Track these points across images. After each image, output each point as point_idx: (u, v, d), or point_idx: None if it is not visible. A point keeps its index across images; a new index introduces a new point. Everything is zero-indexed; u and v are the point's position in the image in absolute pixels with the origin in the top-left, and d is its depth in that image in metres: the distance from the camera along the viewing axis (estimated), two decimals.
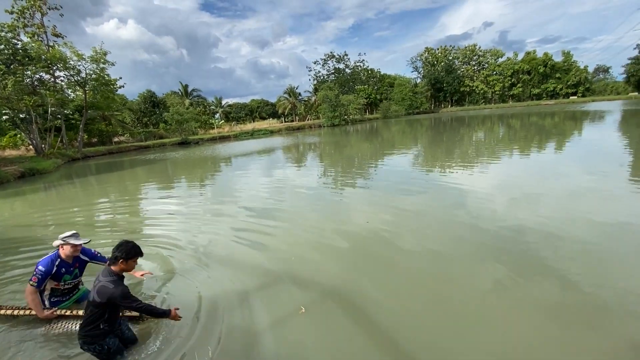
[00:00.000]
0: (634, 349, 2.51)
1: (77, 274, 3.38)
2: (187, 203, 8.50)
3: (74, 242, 3.16)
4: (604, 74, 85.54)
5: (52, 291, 3.29)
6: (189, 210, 7.73)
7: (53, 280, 3.20)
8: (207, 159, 20.48)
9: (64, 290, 3.34)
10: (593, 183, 7.07)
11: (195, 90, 56.54)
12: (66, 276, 3.26)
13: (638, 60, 57.30)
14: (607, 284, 3.37)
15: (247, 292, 3.72)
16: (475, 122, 30.81)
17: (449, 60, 75.03)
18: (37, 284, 3.05)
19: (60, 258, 3.18)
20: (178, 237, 5.70)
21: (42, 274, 3.06)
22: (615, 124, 20.34)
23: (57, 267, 3.15)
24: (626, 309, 2.97)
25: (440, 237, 4.95)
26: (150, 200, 9.44)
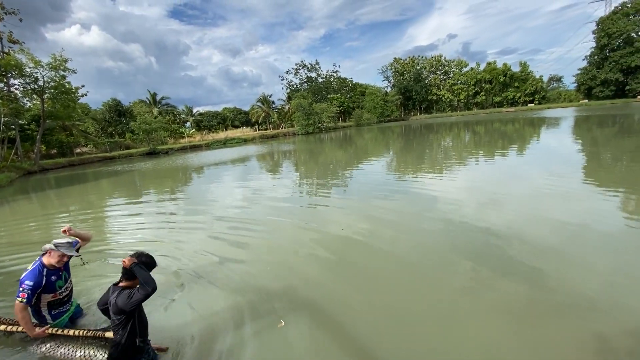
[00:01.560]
0: (597, 340, 2.67)
1: (67, 276, 3.19)
2: (158, 216, 8.15)
3: (67, 253, 2.97)
4: (557, 83, 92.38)
5: (50, 305, 3.05)
6: (159, 224, 7.41)
7: (48, 294, 2.98)
8: (178, 169, 19.82)
9: (62, 299, 3.13)
10: (551, 185, 7.55)
11: (165, 98, 54.85)
12: (59, 282, 3.06)
13: (586, 70, 62.51)
14: (568, 280, 3.58)
15: (224, 307, 3.60)
16: (443, 129, 32.11)
17: (417, 70, 78.05)
18: (26, 300, 2.81)
19: (46, 267, 2.96)
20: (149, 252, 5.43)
21: (31, 288, 2.82)
22: (569, 129, 21.95)
23: (46, 277, 2.92)
24: (587, 303, 3.17)
25: (413, 241, 5.06)
26: (117, 214, 8.95)
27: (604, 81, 58.23)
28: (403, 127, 44.30)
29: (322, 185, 10.48)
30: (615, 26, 54.87)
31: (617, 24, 54.81)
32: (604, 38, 57.05)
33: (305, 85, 66.34)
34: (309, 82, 66.77)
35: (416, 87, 74.56)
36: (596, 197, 6.53)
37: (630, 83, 55.70)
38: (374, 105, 65.15)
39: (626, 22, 54.34)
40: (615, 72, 56.39)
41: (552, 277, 3.65)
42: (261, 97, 63.10)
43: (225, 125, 69.62)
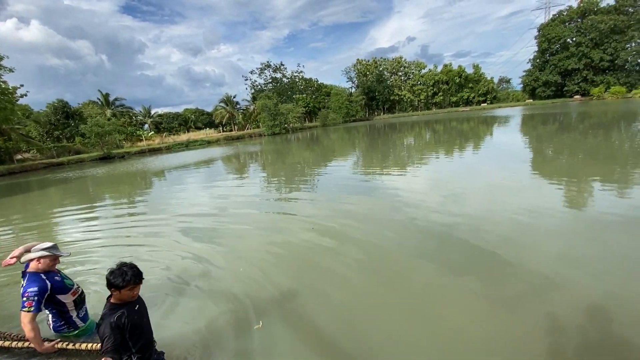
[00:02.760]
0: (551, 320, 2.92)
1: (68, 277, 3.01)
2: (115, 225, 7.65)
3: (58, 254, 2.82)
4: (506, 84, 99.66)
5: (76, 305, 2.91)
6: (117, 233, 6.96)
7: (65, 294, 2.81)
8: (136, 174, 18.73)
9: (81, 297, 3.01)
10: (504, 178, 8.13)
11: (119, 99, 51.53)
12: (66, 281, 2.90)
13: (530, 72, 67.94)
14: (523, 265, 3.88)
15: (196, 316, 3.47)
16: (406, 128, 33.33)
17: (379, 71, 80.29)
18: (34, 308, 2.56)
19: (39, 272, 2.74)
20: (104, 264, 5.09)
21: (37, 293, 2.60)
22: (517, 127, 23.75)
23: (48, 280, 2.72)
24: (540, 285, 3.45)
25: (381, 237, 5.21)
26: (68, 225, 8.27)
27: (545, 82, 63.64)
28: (368, 126, 45.35)
29: (291, 185, 10.44)
30: (554, 32, 60.24)
31: (555, 30, 60.20)
32: (544, 43, 62.41)
33: (270, 86, 65.63)
34: (274, 82, 66.15)
35: (379, 88, 76.67)
36: (543, 188, 7.13)
37: (568, 84, 61.44)
38: (339, 105, 66.05)
39: (563, 28, 59.86)
40: (555, 74, 61.90)
41: (509, 264, 3.93)
42: (224, 98, 61.44)
43: (187, 127, 66.96)
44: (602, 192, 6.45)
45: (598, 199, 6.09)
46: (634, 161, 8.88)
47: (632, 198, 5.93)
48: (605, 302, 3.07)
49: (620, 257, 3.86)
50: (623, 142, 12.37)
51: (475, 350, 2.67)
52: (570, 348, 2.59)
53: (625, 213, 5.14)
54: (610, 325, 2.79)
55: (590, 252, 4.06)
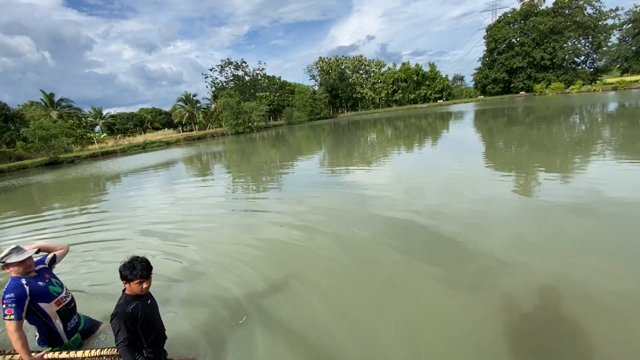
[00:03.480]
0: (506, 297, 3.25)
1: (60, 283, 2.78)
2: (67, 235, 7.15)
3: (16, 259, 2.50)
4: (460, 81, 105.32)
5: (61, 316, 2.68)
6: (70, 244, 6.52)
7: (47, 302, 2.58)
8: (89, 180, 17.49)
9: (69, 307, 2.76)
10: (463, 170, 8.71)
11: (65, 100, 47.56)
12: (52, 287, 2.66)
13: (480, 70, 72.44)
14: (479, 250, 4.24)
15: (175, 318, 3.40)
16: (369, 125, 34.19)
17: (341, 69, 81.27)
18: (15, 315, 2.38)
19: (21, 277, 2.54)
20: None
21: (16, 300, 2.40)
22: (471, 122, 25.33)
23: (29, 285, 2.51)
24: (495, 268, 3.80)
25: (348, 230, 5.40)
26: (11, 238, 7.59)
27: (494, 80, 68.21)
28: (332, 124, 45.87)
29: (257, 184, 10.37)
30: (500, 33, 64.67)
31: (501, 31, 64.65)
32: (492, 43, 66.82)
33: (232, 84, 63.89)
34: (236, 80, 64.47)
35: (341, 86, 77.66)
36: (495, 178, 7.75)
37: (514, 81, 66.30)
38: (304, 103, 66.00)
39: (508, 29, 64.44)
40: (502, 72, 66.51)
41: (466, 250, 4.27)
42: (183, 96, 59.00)
43: (144, 127, 63.44)
44: (546, 180, 7.14)
45: (544, 186, 6.74)
46: (573, 151, 9.90)
47: (572, 184, 6.65)
48: (553, 280, 3.45)
49: (564, 239, 4.34)
50: (563, 134, 13.70)
51: (438, 333, 2.91)
52: (523, 324, 2.91)
53: (568, 198, 5.77)
54: (558, 299, 3.16)
55: (538, 235, 4.53)
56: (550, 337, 2.65)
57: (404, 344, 2.76)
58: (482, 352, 2.59)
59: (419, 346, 2.73)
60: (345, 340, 2.86)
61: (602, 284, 3.26)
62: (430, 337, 2.82)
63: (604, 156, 8.57)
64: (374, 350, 2.72)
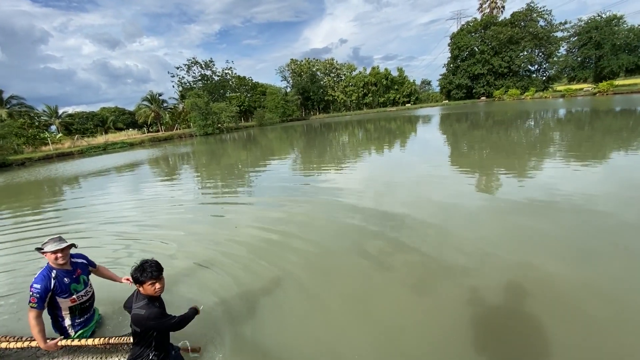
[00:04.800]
0: (471, 292, 3.42)
1: (85, 281, 2.92)
2: (19, 246, 6.61)
3: (51, 249, 2.66)
4: (427, 86, 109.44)
5: (72, 312, 2.83)
6: (21, 255, 6.04)
7: (63, 298, 2.75)
8: (42, 183, 16.24)
9: (82, 306, 2.89)
10: (429, 172, 9.06)
11: (15, 97, 43.77)
12: (74, 285, 2.80)
13: (445, 76, 75.83)
14: (447, 249, 4.44)
15: None
16: (340, 127, 34.61)
17: (312, 71, 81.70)
18: (37, 305, 2.59)
19: (54, 268, 2.72)
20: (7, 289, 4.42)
21: (40, 292, 2.60)
22: (436, 125, 26.42)
23: (55, 279, 2.69)
24: (462, 265, 4.00)
25: (320, 231, 5.47)
26: None
27: (457, 85, 71.66)
28: (305, 126, 45.92)
29: (228, 188, 10.17)
30: (463, 41, 68.13)
31: (464, 39, 68.12)
32: (456, 50, 70.22)
33: (200, 84, 61.99)
34: (204, 80, 62.63)
35: (313, 88, 78.02)
36: (459, 179, 8.14)
37: (475, 87, 70.07)
38: (275, 105, 65.51)
39: (470, 38, 68.03)
40: (465, 78, 70.06)
41: (434, 248, 4.46)
42: (148, 96, 56.40)
43: (106, 127, 59.98)
44: (507, 180, 7.61)
45: (503, 186, 7.18)
46: (530, 153, 10.63)
47: (528, 184, 7.14)
48: (516, 275, 3.68)
49: (524, 235, 4.64)
50: (520, 137, 14.67)
51: (409, 335, 3.01)
52: (489, 318, 3.08)
53: (525, 197, 6.18)
54: (521, 292, 3.38)
55: (501, 233, 4.82)
56: (511, 330, 2.84)
57: (370, 352, 2.84)
58: (450, 353, 2.72)
59: (387, 353, 2.81)
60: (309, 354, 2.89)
61: (556, 275, 3.54)
62: (400, 342, 2.92)
63: (556, 158, 9.28)
64: None
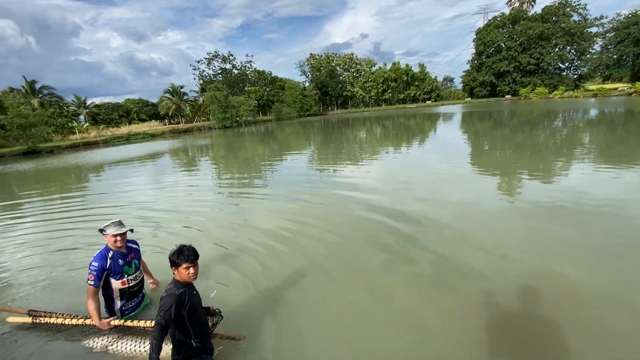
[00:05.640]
0: (485, 296, 3.31)
1: (137, 265, 3.10)
2: (45, 226, 6.92)
3: (112, 232, 2.86)
4: (450, 83, 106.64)
5: (122, 294, 3.01)
6: (48, 234, 6.31)
7: (116, 279, 2.93)
8: (69, 170, 16.96)
9: (131, 290, 3.05)
10: (449, 172, 8.83)
11: (47, 87, 45.76)
12: (126, 268, 2.98)
13: (469, 73, 73.59)
14: (463, 251, 4.31)
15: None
16: (358, 123, 34.30)
17: (332, 66, 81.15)
18: (94, 282, 2.80)
19: (112, 250, 2.93)
20: (38, 268, 4.63)
21: (97, 270, 2.81)
22: (458, 123, 25.73)
23: (111, 259, 2.89)
24: (477, 269, 3.88)
25: (337, 227, 5.41)
26: None
27: (481, 83, 69.46)
28: (322, 121, 45.82)
29: (244, 180, 10.27)
30: (489, 36, 65.79)
31: (490, 35, 65.77)
32: (481, 46, 67.93)
33: (220, 77, 62.80)
34: (224, 73, 63.39)
35: (331, 83, 77.56)
36: (480, 180, 7.89)
37: (500, 85, 67.70)
38: (293, 99, 65.61)
39: (496, 33, 65.59)
40: (490, 75, 67.79)
41: (450, 251, 4.34)
42: (170, 88, 57.64)
43: (130, 118, 61.88)
44: (530, 182, 7.32)
45: (527, 188, 6.90)
46: (556, 155, 10.18)
47: (554, 187, 6.83)
48: (537, 280, 3.54)
49: (546, 240, 4.45)
50: (547, 138, 14.07)
51: (417, 334, 2.94)
52: (507, 323, 2.97)
53: (550, 201, 5.92)
54: (541, 298, 3.25)
55: (521, 236, 4.64)
56: (529, 333, 2.73)
57: (384, 346, 2.79)
58: (462, 354, 2.64)
59: (399, 348, 2.76)
60: (326, 343, 2.87)
61: (580, 283, 3.37)
62: (410, 339, 2.85)
63: (584, 161, 8.84)
64: (352, 350, 2.74)
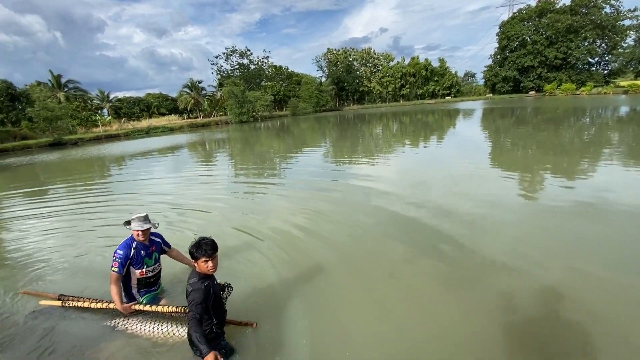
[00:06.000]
0: (503, 296, 3.18)
1: (156, 258, 3.26)
2: (69, 214, 7.16)
3: (135, 228, 3.01)
4: (471, 78, 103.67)
5: (139, 283, 3.20)
6: (71, 222, 6.53)
7: (136, 268, 3.10)
8: (92, 161, 17.55)
9: (148, 280, 3.23)
10: (468, 169, 8.56)
11: (72, 81, 47.42)
12: (146, 259, 3.14)
13: (491, 68, 71.30)
14: (481, 249, 4.16)
15: None
16: (374, 119, 33.91)
17: (349, 61, 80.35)
18: (118, 270, 2.96)
19: (136, 241, 3.07)
20: (61, 255, 4.78)
21: (122, 258, 2.97)
22: (478, 120, 24.99)
23: (135, 249, 3.05)
24: (496, 267, 3.73)
25: (353, 222, 5.34)
26: (14, 215, 7.61)
27: (504, 78, 67.17)
28: (338, 116, 45.56)
29: (261, 172, 10.31)
30: (513, 30, 63.41)
31: (514, 28, 63.37)
32: (504, 40, 65.56)
33: (237, 72, 63.37)
34: (241, 68, 63.92)
35: (348, 79, 76.87)
36: (500, 177, 7.62)
37: (524, 80, 65.29)
38: (309, 94, 65.50)
39: (522, 26, 63.11)
40: (513, 70, 65.44)
41: (468, 248, 4.19)
42: (189, 83, 58.65)
43: (150, 112, 63.44)
44: (552, 181, 7.00)
45: (551, 188, 6.59)
46: (582, 153, 9.71)
47: (579, 188, 6.51)
48: (554, 281, 3.37)
49: (568, 242, 4.23)
50: (572, 136, 13.46)
51: (435, 328, 2.85)
52: (521, 324, 2.84)
53: (574, 202, 5.65)
54: (558, 301, 3.09)
55: (543, 237, 4.43)
56: (547, 338, 2.58)
57: (399, 339, 2.71)
58: (480, 350, 2.53)
59: (415, 343, 2.67)
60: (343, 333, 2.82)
61: (606, 283, 3.18)
62: (427, 333, 2.76)
63: (613, 160, 8.38)
64: (369, 342, 2.68)
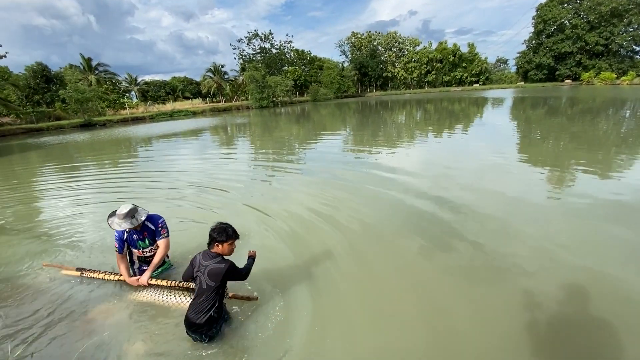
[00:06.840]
0: (525, 295, 3.06)
1: (150, 241, 3.49)
2: (96, 192, 7.48)
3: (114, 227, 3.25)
4: (504, 65, 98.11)
5: (140, 260, 3.60)
6: (99, 197, 6.82)
7: (134, 248, 3.48)
8: (120, 142, 18.21)
9: (146, 258, 3.56)
10: (494, 161, 8.22)
11: (102, 64, 48.85)
12: (139, 242, 3.45)
13: (524, 54, 67.37)
14: (504, 245, 4.00)
15: None
16: (397, 106, 33.07)
17: (373, 45, 78.07)
18: (118, 249, 3.37)
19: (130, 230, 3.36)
20: (91, 232, 5.01)
21: (118, 239, 3.35)
22: (507, 110, 23.84)
23: (127, 233, 3.38)
24: (519, 264, 3.58)
25: (372, 213, 5.26)
26: (51, 190, 8.04)
27: (538, 65, 63.38)
28: (360, 103, 44.79)
29: (280, 157, 10.34)
30: (551, 13, 59.28)
31: (552, 11, 59.22)
32: (541, 24, 61.51)
33: (259, 56, 63.09)
34: (263, 52, 63.53)
35: (372, 64, 74.91)
36: (528, 171, 7.26)
37: (560, 68, 61.40)
38: (331, 80, 64.51)
39: (560, 9, 58.89)
40: (548, 57, 61.57)
41: (491, 243, 4.04)
42: (212, 67, 59.05)
43: (175, 96, 64.78)
44: (586, 176, 6.59)
45: (582, 183, 6.23)
46: (619, 148, 9.08)
47: (616, 183, 6.11)
48: (585, 281, 3.21)
49: (601, 240, 4.01)
50: (609, 129, 12.60)
51: (457, 324, 2.78)
52: (542, 324, 2.72)
53: (610, 197, 5.31)
54: (586, 302, 2.94)
55: (571, 234, 4.21)
56: (571, 340, 2.46)
57: (411, 332, 2.67)
58: (495, 350, 2.45)
59: (431, 338, 2.63)
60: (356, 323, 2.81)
61: (633, 292, 2.98)
62: (444, 328, 2.70)
63: None
64: (382, 337, 2.66)
